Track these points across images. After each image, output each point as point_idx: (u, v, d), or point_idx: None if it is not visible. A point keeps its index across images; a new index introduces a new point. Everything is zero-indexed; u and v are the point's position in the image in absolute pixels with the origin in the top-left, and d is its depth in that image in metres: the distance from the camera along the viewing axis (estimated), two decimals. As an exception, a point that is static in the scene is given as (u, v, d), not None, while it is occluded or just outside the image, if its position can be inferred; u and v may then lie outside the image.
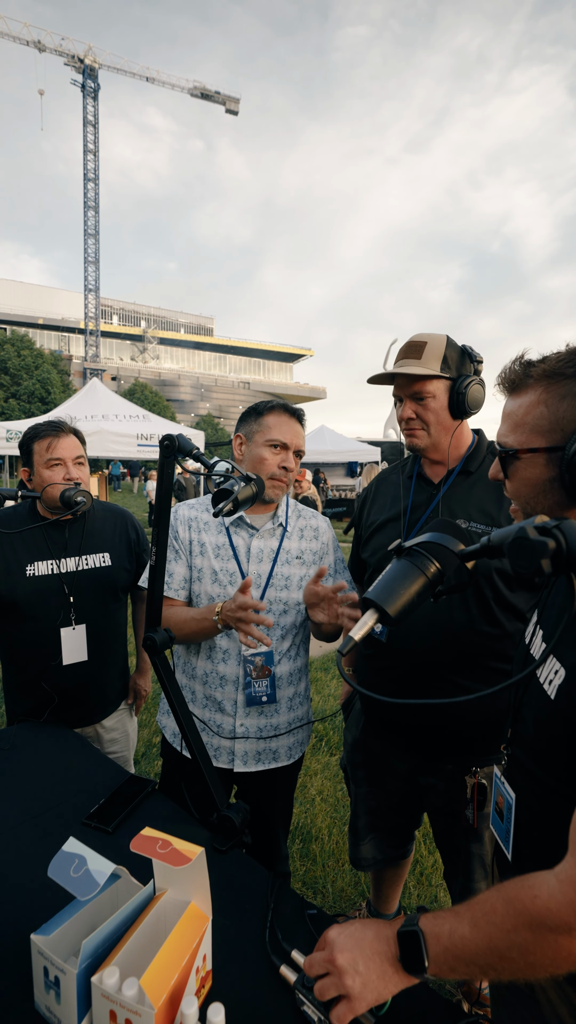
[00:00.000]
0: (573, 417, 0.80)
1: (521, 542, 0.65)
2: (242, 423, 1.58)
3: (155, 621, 1.27)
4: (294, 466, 1.54)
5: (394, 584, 0.79)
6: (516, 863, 0.93)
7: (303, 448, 1.57)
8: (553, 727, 0.81)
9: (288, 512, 1.63)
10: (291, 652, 1.58)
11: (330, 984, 0.76)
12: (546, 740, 0.84)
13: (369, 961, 0.75)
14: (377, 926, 0.79)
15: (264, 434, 1.52)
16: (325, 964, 0.77)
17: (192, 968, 0.79)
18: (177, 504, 1.67)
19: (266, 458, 1.50)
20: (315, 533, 1.66)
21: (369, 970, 0.74)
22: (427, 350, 1.40)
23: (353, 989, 0.74)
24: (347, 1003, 0.74)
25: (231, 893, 1.07)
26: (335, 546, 1.71)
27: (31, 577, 1.73)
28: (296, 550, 1.60)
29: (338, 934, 0.79)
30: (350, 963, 0.75)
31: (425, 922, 0.74)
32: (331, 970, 0.76)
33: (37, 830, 1.22)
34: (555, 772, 0.83)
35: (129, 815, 1.28)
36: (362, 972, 0.74)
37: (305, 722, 1.64)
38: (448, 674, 1.40)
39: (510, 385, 0.89)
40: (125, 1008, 0.73)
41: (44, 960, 0.79)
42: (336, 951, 0.77)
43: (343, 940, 0.78)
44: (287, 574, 1.56)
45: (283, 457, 1.52)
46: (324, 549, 1.66)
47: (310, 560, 1.62)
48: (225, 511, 1.13)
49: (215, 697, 1.53)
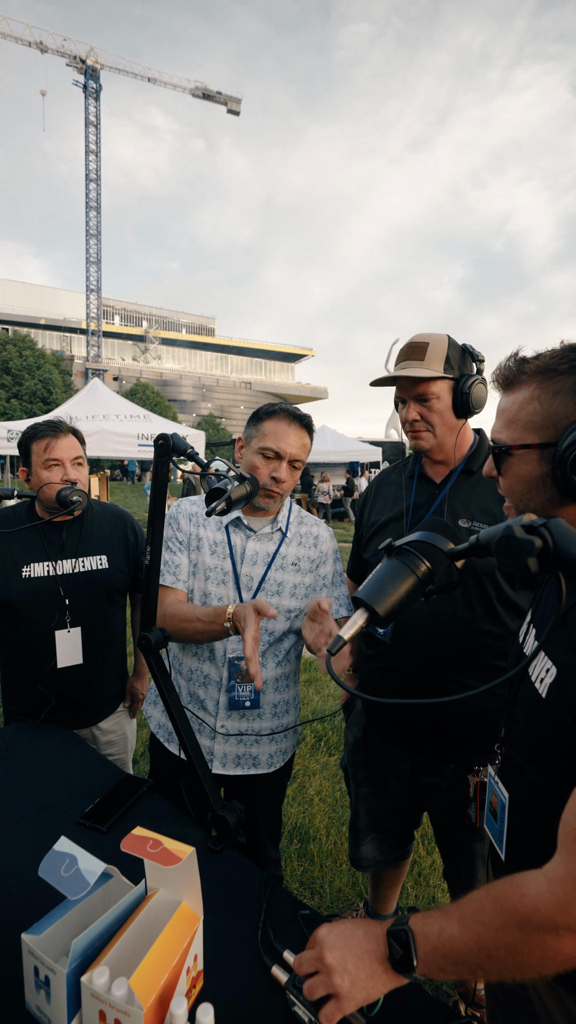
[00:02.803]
0: (566, 413, 0.80)
1: (508, 541, 0.65)
2: (246, 426, 1.54)
3: (151, 620, 1.27)
4: (286, 477, 1.45)
5: (384, 583, 0.78)
6: (509, 863, 0.92)
7: (302, 457, 1.48)
8: (544, 726, 0.81)
9: (290, 518, 1.60)
10: (278, 658, 1.55)
11: (319, 983, 0.76)
12: (538, 739, 0.84)
13: (359, 960, 0.74)
14: (368, 925, 0.79)
15: (259, 441, 1.45)
16: (314, 963, 0.77)
17: (183, 968, 0.79)
18: (180, 499, 1.66)
19: (257, 467, 1.44)
20: (314, 541, 1.60)
21: (359, 969, 0.74)
22: (429, 351, 1.40)
23: (342, 988, 0.73)
24: (336, 1002, 0.74)
25: (224, 893, 1.07)
26: (335, 557, 1.65)
27: (27, 578, 1.73)
28: (293, 556, 1.56)
29: (328, 932, 0.79)
30: (339, 961, 0.74)
31: (415, 922, 0.73)
32: (320, 968, 0.76)
33: (31, 829, 1.22)
34: (547, 771, 0.83)
35: (124, 814, 1.28)
36: (351, 971, 0.74)
37: (288, 727, 1.58)
38: (451, 673, 1.39)
39: (504, 382, 0.89)
40: (114, 1008, 0.73)
41: (34, 959, 0.79)
42: (325, 949, 0.76)
43: (332, 939, 0.77)
44: (280, 579, 1.53)
45: (274, 467, 1.43)
46: (322, 558, 1.60)
47: (306, 568, 1.57)
48: (218, 510, 1.13)
49: (198, 695, 1.52)
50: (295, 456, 1.46)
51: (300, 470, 1.50)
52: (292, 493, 9.79)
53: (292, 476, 1.48)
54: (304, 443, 1.48)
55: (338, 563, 1.65)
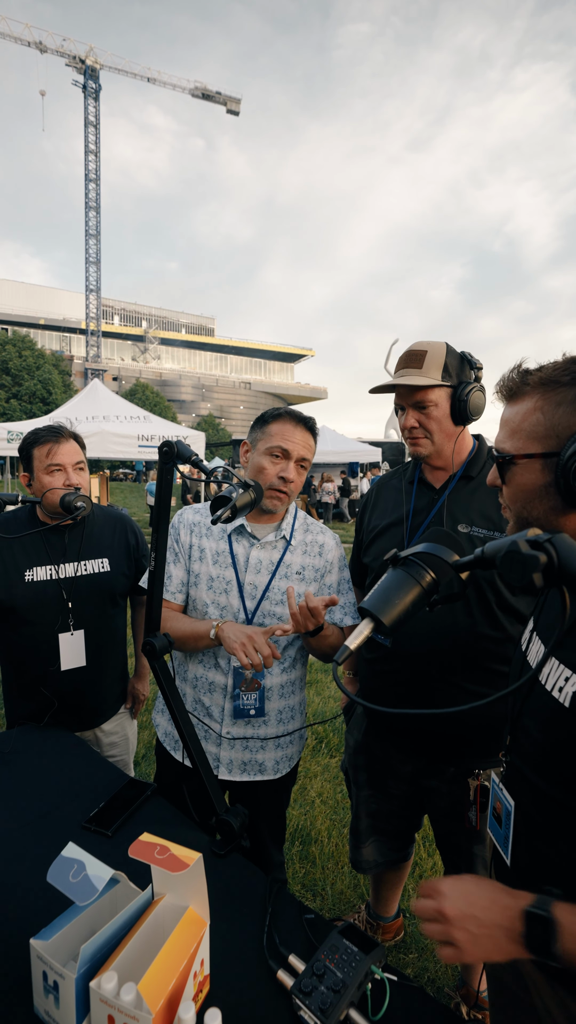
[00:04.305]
0: (568, 424, 0.82)
1: (513, 556, 0.66)
2: (251, 431, 1.55)
3: (155, 626, 1.28)
4: (294, 476, 1.48)
5: (389, 594, 0.79)
6: (515, 869, 0.93)
7: (308, 457, 1.51)
8: (568, 734, 0.80)
9: (295, 525, 1.59)
10: (283, 664, 1.55)
11: (438, 930, 0.77)
12: (556, 748, 0.83)
13: (485, 926, 0.75)
14: (492, 891, 0.78)
15: (266, 442, 1.47)
16: (433, 912, 0.78)
17: (190, 973, 0.80)
18: (183, 508, 1.67)
19: (265, 467, 1.46)
20: (320, 549, 1.59)
21: (481, 931, 0.74)
22: (427, 359, 1.41)
23: (462, 941, 0.74)
24: (455, 951, 0.75)
25: (229, 898, 1.08)
26: (341, 565, 1.64)
27: (30, 582, 1.74)
28: (298, 565, 1.55)
29: (450, 888, 0.79)
30: (460, 918, 0.75)
31: (561, 913, 0.71)
32: (439, 919, 0.77)
33: (37, 834, 1.23)
34: (559, 782, 0.82)
35: (129, 819, 1.29)
36: (473, 931, 0.75)
37: (292, 731, 1.59)
38: (451, 677, 1.40)
39: (508, 393, 0.91)
40: (123, 1013, 0.74)
41: (43, 965, 0.80)
42: (446, 904, 0.77)
43: (455, 896, 0.78)
44: (284, 588, 1.51)
45: (282, 467, 1.46)
46: (327, 567, 1.59)
47: (311, 577, 1.56)
48: (223, 518, 1.13)
49: (203, 702, 1.53)
50: (302, 456, 1.49)
51: (306, 471, 1.53)
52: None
53: (299, 476, 1.50)
54: (310, 444, 1.51)
55: (344, 571, 1.65)
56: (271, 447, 1.47)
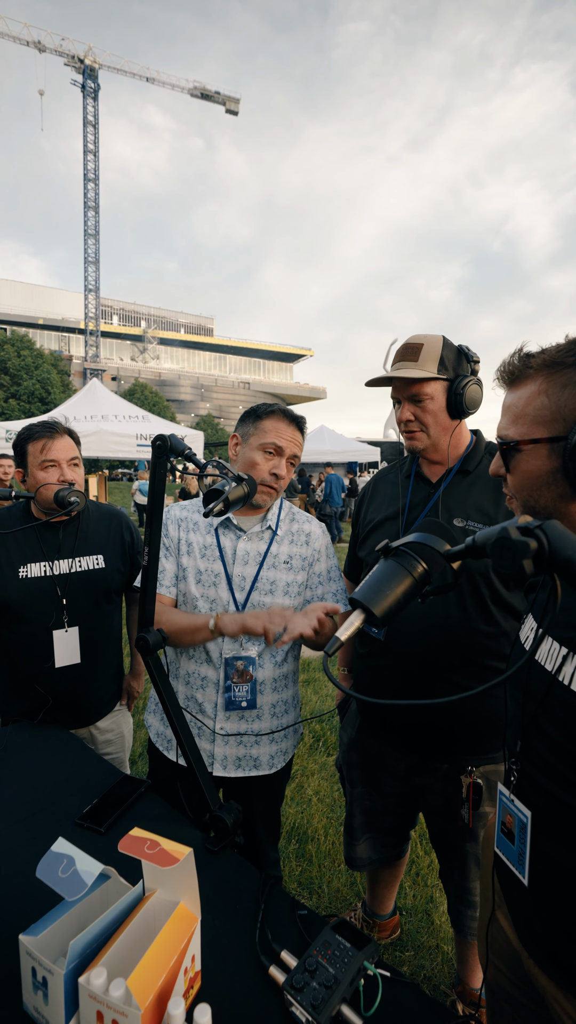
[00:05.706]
0: (575, 406, 0.78)
1: (503, 543, 0.64)
2: (240, 424, 1.57)
3: (148, 621, 1.27)
4: (285, 473, 1.50)
5: (381, 585, 0.78)
6: (534, 891, 0.85)
7: (298, 454, 1.54)
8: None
9: (280, 516, 1.61)
10: (276, 658, 1.55)
11: None
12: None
13: None
14: None
15: (259, 438, 1.49)
16: None
17: (180, 969, 0.79)
18: (171, 504, 1.67)
19: (258, 463, 1.48)
20: (306, 539, 1.62)
21: None
22: (423, 352, 1.41)
23: None
24: None
25: (223, 894, 1.07)
26: (328, 553, 1.66)
27: (24, 579, 1.72)
28: (285, 555, 1.57)
29: None
30: None
31: None
32: None
33: (29, 830, 1.22)
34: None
35: (122, 815, 1.28)
36: None
37: (286, 727, 1.58)
38: (445, 672, 1.40)
39: (509, 378, 0.87)
40: (112, 1009, 0.73)
41: (32, 961, 0.79)
42: None
43: None
44: (273, 578, 1.53)
45: (275, 463, 1.49)
46: (315, 556, 1.62)
47: (298, 566, 1.58)
48: (216, 511, 1.13)
49: (196, 698, 1.52)
50: (293, 453, 1.52)
51: (295, 467, 1.56)
52: (292, 494, 9.78)
53: (289, 473, 1.54)
54: (300, 442, 1.55)
55: (332, 558, 1.67)
56: (264, 443, 1.49)
